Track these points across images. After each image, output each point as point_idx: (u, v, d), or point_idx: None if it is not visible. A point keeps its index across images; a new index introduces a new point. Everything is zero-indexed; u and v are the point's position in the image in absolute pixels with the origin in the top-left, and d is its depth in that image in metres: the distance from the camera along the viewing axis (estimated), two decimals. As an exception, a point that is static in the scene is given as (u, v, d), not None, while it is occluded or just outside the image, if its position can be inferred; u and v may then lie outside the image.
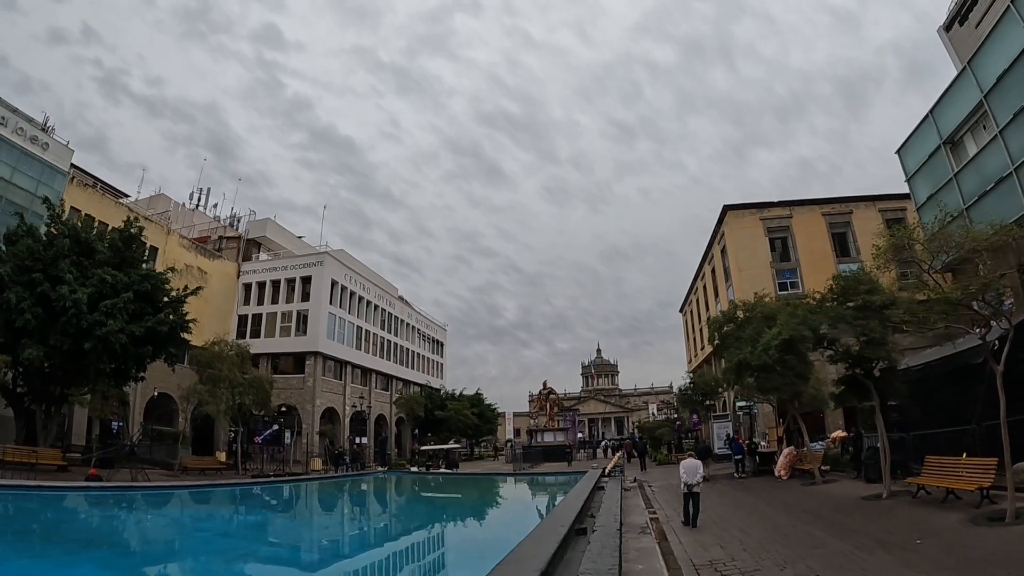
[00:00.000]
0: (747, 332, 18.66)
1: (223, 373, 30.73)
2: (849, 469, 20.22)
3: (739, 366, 18.34)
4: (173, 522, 12.16)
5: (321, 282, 45.35)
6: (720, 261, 41.64)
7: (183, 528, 11.37)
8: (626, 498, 16.38)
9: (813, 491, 17.14)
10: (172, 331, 25.77)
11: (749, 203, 38.86)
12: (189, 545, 9.98)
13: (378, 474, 25.92)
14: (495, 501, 16.38)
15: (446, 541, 11.31)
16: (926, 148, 24.98)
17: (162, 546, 9.88)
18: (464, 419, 53.48)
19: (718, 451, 30.71)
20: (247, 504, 15.77)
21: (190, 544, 10.04)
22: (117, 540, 10.21)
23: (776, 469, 21.27)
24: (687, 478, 11.77)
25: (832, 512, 13.16)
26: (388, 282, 62.22)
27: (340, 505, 16.49)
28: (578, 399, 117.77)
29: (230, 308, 47.48)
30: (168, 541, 10.38)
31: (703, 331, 50.60)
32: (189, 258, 44.58)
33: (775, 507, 14.60)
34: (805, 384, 18.41)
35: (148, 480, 20.35)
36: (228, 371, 30.77)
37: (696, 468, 11.85)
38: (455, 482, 22.01)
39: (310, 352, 43.92)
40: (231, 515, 14.27)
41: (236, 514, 14.34)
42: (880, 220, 36.28)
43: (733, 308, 19.85)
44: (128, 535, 10.83)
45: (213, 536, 11.11)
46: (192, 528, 11.70)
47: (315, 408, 42.85)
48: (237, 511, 14.92)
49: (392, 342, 55.96)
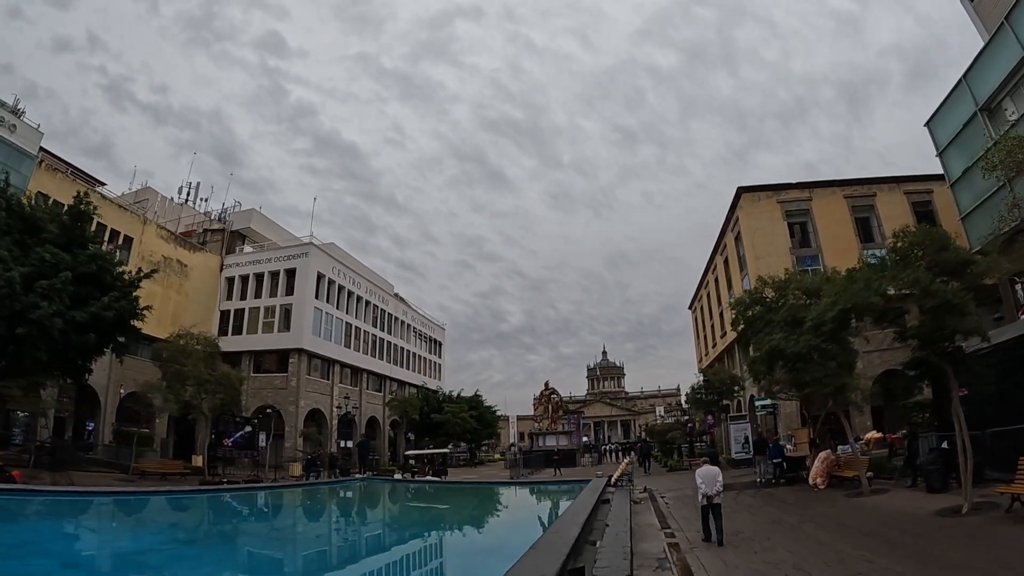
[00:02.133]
0: (779, 315, 15.62)
1: (187, 369, 27.91)
2: (897, 476, 17.13)
3: (771, 355, 15.31)
4: (31, 538, 9.26)
5: (306, 275, 42.51)
6: (734, 249, 38.54)
7: (35, 546, 8.47)
8: (636, 513, 13.35)
9: (863, 504, 14.05)
10: (120, 318, 22.97)
11: (765, 184, 35.82)
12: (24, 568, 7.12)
13: (354, 482, 22.92)
14: (473, 521, 13.39)
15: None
16: (960, 117, 22.94)
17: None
18: (462, 422, 50.40)
19: (735, 455, 27.62)
20: (160, 517, 12.89)
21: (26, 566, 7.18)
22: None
23: (810, 476, 18.18)
24: (705, 488, 10.28)
25: (903, 534, 10.11)
26: (383, 279, 59.38)
27: (273, 523, 13.53)
28: (583, 402, 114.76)
29: (213, 303, 44.77)
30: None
31: (715, 327, 47.51)
32: (168, 250, 42.02)
33: (826, 527, 11.54)
34: (851, 376, 15.38)
35: (71, 484, 17.53)
36: (193, 367, 27.93)
37: (715, 476, 10.40)
38: (436, 494, 19.04)
39: (294, 349, 41.07)
40: (123, 530, 11.37)
41: (131, 529, 11.43)
42: (906, 204, 33.52)
43: (761, 286, 16.87)
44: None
45: (71, 555, 8.27)
46: (54, 545, 8.80)
47: (299, 409, 39.98)
48: (141, 525, 12.04)
49: (385, 340, 53.04)
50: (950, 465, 13.84)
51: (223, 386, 29.05)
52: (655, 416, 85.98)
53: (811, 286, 15.27)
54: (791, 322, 15.25)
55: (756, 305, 16.79)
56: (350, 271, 48.29)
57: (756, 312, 16.64)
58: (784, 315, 15.38)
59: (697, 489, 10.57)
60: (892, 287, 11.70)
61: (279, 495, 17.23)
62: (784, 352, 14.75)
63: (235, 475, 30.87)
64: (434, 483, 23.52)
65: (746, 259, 35.99)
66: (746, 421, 28.84)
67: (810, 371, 14.76)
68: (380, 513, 15.56)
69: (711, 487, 10.25)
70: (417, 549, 10.10)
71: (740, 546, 9.95)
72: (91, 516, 12.43)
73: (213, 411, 29.26)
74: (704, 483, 10.37)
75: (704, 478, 10.45)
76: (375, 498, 18.15)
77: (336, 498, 17.65)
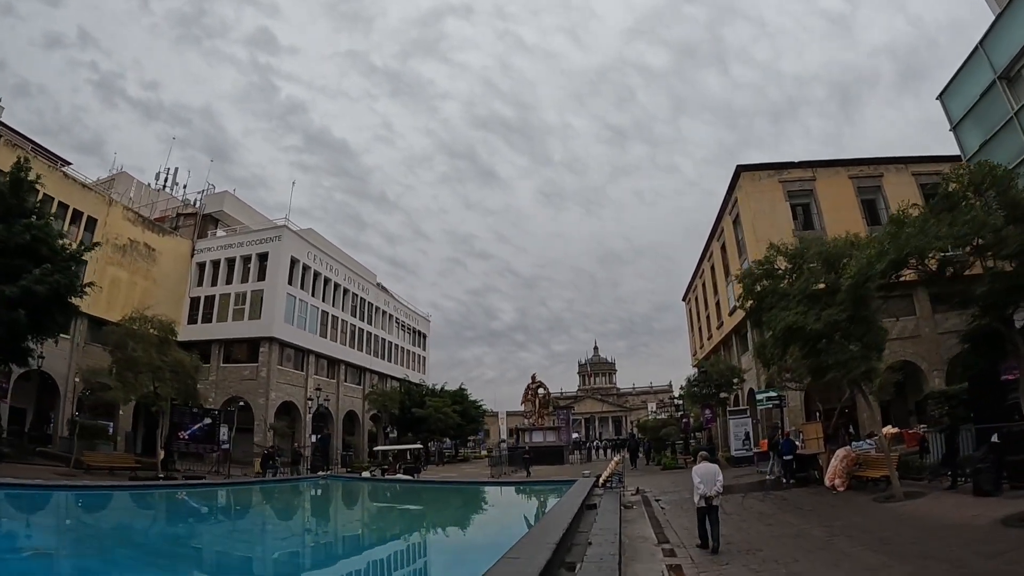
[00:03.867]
0: (796, 287, 13.28)
1: (137, 355, 25.31)
2: (928, 476, 14.90)
3: (786, 335, 12.98)
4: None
5: (279, 259, 39.87)
6: (732, 234, 36.29)
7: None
8: (627, 521, 11.03)
9: (901, 512, 11.76)
10: (55, 294, 20.47)
11: (766, 163, 33.51)
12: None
13: (310, 480, 20.44)
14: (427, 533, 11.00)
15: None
16: (976, 87, 21.08)
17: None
18: (445, 417, 47.90)
19: (736, 453, 25.40)
20: (31, 515, 10.49)
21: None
22: None
23: (827, 477, 15.91)
24: (704, 488, 9.46)
25: (977, 555, 7.82)
26: (365, 268, 56.72)
27: (175, 527, 11.10)
28: (574, 398, 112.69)
29: (183, 290, 42.09)
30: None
31: (710, 318, 45.30)
32: (135, 233, 39.32)
33: (865, 542, 9.23)
34: (879, 359, 13.09)
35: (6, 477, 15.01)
36: (143, 352, 25.32)
37: (714, 474, 9.66)
38: (397, 495, 16.66)
39: (264, 338, 38.45)
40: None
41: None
42: (914, 185, 31.37)
43: (774, 254, 14.54)
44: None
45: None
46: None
47: (269, 402, 37.41)
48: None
49: (366, 331, 50.48)
50: (1001, 463, 11.62)
51: (178, 374, 26.45)
52: (647, 412, 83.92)
53: (834, 252, 12.94)
54: (810, 296, 12.94)
55: (767, 278, 14.45)
56: (327, 257, 45.66)
57: (767, 286, 14.31)
58: (801, 287, 13.05)
59: (695, 489, 9.64)
60: (946, 238, 9.38)
61: (213, 494, 14.78)
62: (803, 331, 12.43)
63: (195, 471, 28.53)
64: (403, 482, 21.10)
65: (745, 243, 33.74)
66: (747, 416, 26.61)
67: (833, 353, 12.47)
68: (315, 519, 13.11)
69: (709, 486, 9.42)
70: (333, 566, 7.71)
71: (762, 572, 7.61)
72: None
73: (166, 401, 26.72)
74: (702, 482, 9.51)
75: (702, 476, 9.60)
76: (322, 500, 15.69)
77: (276, 499, 15.19)
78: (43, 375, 31.98)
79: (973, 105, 21.37)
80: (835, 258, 12.95)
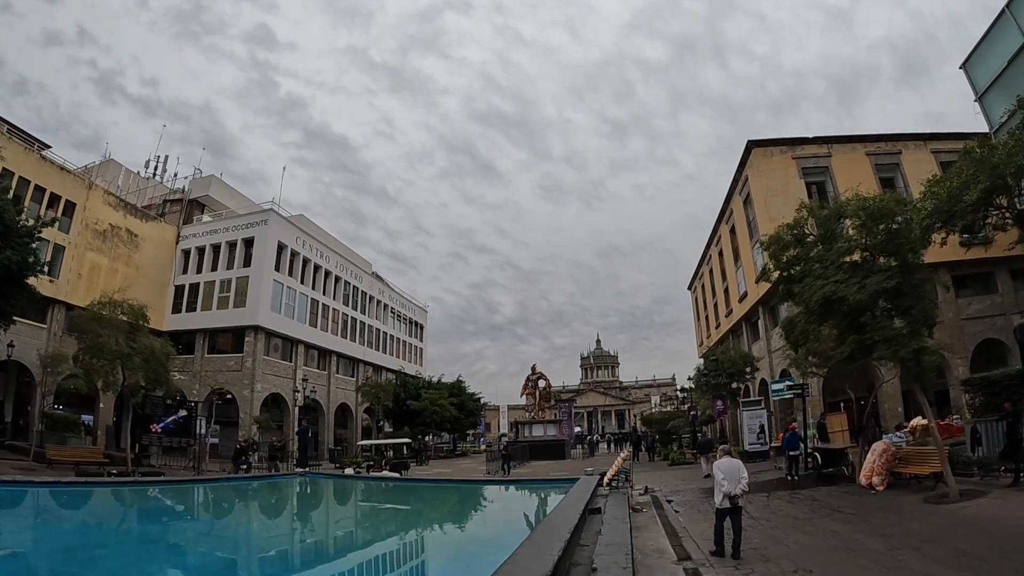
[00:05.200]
0: (834, 251, 11.30)
1: (102, 340, 23.44)
2: (979, 471, 12.98)
3: (824, 307, 11.00)
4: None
5: (265, 244, 37.93)
6: (742, 214, 34.25)
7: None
8: (638, 527, 9.16)
9: (961, 514, 9.84)
10: (6, 272, 18.68)
11: (779, 138, 31.44)
12: None
13: (289, 477, 18.58)
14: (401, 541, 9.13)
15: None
16: (1003, 53, 19.72)
17: None
18: (441, 410, 46.04)
19: (749, 447, 23.50)
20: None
21: None
22: None
23: (862, 474, 13.99)
24: (728, 486, 8.29)
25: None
26: (360, 256, 54.80)
27: (93, 533, 9.23)
28: (577, 391, 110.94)
29: (167, 278, 40.21)
30: None
31: (718, 306, 43.28)
32: (116, 218, 37.47)
33: (936, 557, 7.30)
34: (931, 334, 11.16)
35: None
36: (110, 338, 23.44)
37: (738, 470, 8.44)
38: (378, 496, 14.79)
39: (249, 326, 36.58)
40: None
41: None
42: (934, 162, 29.42)
43: (804, 215, 12.49)
44: None
45: None
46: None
47: (254, 393, 35.59)
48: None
49: (359, 321, 48.58)
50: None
51: (149, 362, 24.58)
52: (651, 406, 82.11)
53: (878, 207, 10.93)
54: (850, 264, 10.97)
55: (797, 244, 12.42)
56: (317, 243, 43.70)
57: (798, 254, 12.27)
58: (840, 250, 11.06)
59: (716, 487, 8.43)
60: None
61: (162, 493, 12.90)
62: (844, 301, 10.47)
63: (172, 466, 26.78)
64: (389, 480, 19.24)
65: (757, 223, 31.73)
66: (761, 407, 24.65)
67: (879, 328, 10.51)
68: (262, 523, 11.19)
69: (733, 484, 8.26)
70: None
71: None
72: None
73: (137, 391, 24.91)
74: (726, 479, 8.32)
75: (726, 473, 8.38)
76: (282, 501, 13.78)
77: (231, 500, 13.30)
78: (21, 366, 30.39)
79: (1000, 73, 19.90)
80: (881, 214, 10.96)
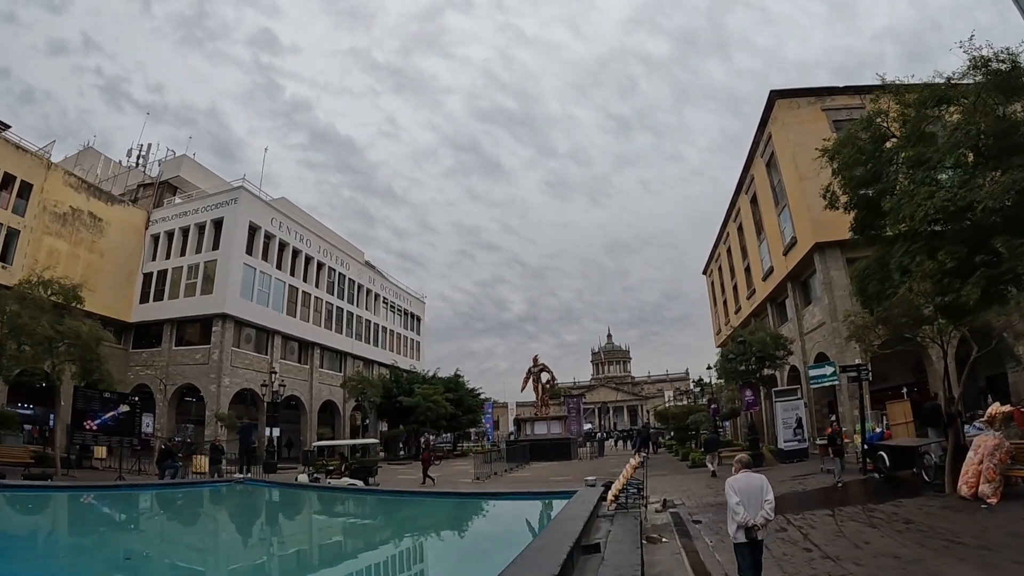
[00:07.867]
0: (942, 146, 7.29)
1: (21, 322, 19.99)
2: None
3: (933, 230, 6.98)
4: None
5: (235, 224, 34.46)
6: (766, 179, 30.07)
7: None
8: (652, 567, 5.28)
9: None
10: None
11: (805, 88, 27.18)
12: None
13: (219, 485, 14.93)
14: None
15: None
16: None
17: None
18: (436, 406, 42.31)
19: (785, 445, 19.45)
20: None
21: None
22: None
23: (962, 480, 10.01)
24: (746, 514, 5.19)
25: None
26: (349, 243, 51.26)
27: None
28: (587, 387, 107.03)
29: (135, 265, 36.92)
30: None
31: (738, 287, 39.12)
32: (79, 200, 34.28)
33: None
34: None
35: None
36: (30, 319, 19.98)
37: (760, 491, 5.31)
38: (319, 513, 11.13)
39: (217, 315, 33.11)
40: None
41: None
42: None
43: (874, 113, 8.43)
44: None
45: None
46: None
47: (221, 388, 32.13)
48: None
49: (346, 311, 44.99)
50: None
51: (74, 347, 21.13)
52: (664, 400, 77.85)
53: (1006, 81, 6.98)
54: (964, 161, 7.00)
55: (875, 151, 8.35)
56: (296, 225, 40.11)
57: (880, 156, 8.18)
58: (953, 143, 7.08)
59: (730, 514, 5.36)
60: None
61: (30, 502, 9.29)
62: (964, 215, 6.51)
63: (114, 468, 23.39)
64: (345, 492, 15.53)
65: (784, 187, 27.59)
66: (798, 397, 20.50)
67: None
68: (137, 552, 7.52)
69: (754, 511, 5.21)
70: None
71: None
72: None
73: (60, 381, 21.51)
74: (743, 504, 5.25)
75: (743, 495, 5.30)
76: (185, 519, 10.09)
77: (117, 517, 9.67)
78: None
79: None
80: (1014, 89, 6.99)
